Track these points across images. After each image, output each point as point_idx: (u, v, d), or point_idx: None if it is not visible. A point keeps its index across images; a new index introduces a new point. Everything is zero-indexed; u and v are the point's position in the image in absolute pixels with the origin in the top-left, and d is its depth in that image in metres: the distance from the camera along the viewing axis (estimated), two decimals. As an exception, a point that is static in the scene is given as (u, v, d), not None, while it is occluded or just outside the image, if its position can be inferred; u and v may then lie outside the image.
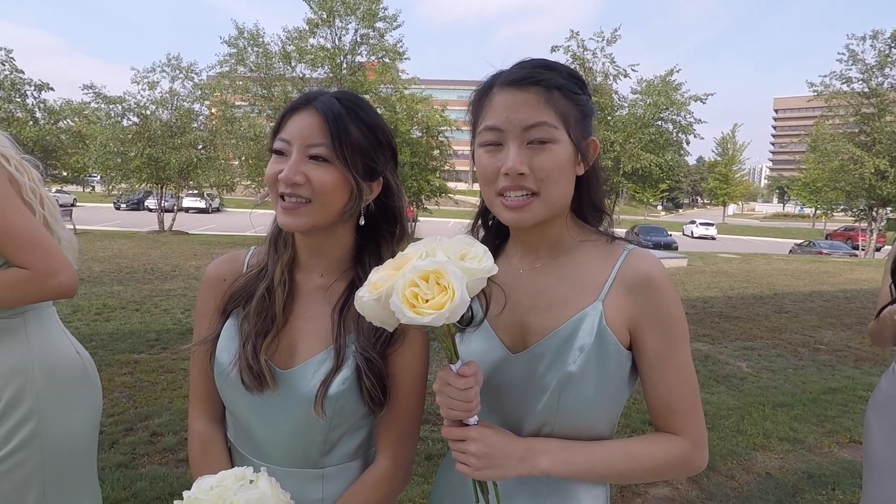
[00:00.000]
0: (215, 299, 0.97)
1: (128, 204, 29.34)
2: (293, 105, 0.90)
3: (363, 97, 0.96)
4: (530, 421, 0.86)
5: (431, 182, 22.99)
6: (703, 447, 0.85)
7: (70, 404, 1.25)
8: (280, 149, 0.88)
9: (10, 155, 1.22)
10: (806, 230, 45.62)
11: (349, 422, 0.92)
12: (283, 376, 0.90)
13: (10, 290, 1.15)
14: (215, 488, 0.77)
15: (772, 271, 13.87)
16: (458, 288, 0.67)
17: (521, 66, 0.85)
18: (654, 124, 21.14)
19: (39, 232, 1.18)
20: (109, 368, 4.29)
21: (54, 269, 1.16)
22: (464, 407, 0.77)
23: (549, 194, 0.82)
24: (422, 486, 2.81)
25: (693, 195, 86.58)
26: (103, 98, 17.67)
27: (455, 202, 26.68)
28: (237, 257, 1.01)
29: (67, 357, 1.28)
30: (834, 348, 6.11)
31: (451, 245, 0.74)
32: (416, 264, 0.70)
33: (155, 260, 11.06)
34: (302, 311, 0.95)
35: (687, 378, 0.84)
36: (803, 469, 3.18)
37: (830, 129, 23.90)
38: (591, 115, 0.88)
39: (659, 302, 0.82)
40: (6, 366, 1.18)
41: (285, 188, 0.86)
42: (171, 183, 18.93)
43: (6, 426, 1.16)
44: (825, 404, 4.26)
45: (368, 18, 18.96)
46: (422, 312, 0.67)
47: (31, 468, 1.17)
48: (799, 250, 24.73)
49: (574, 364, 0.82)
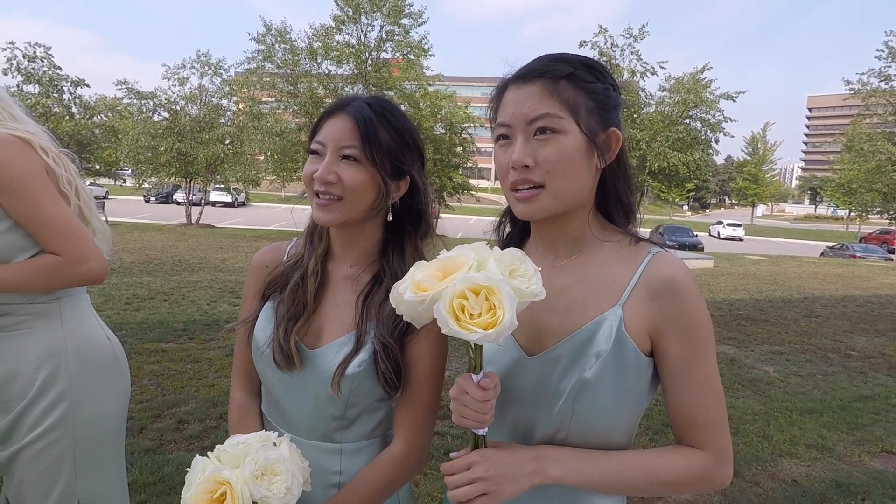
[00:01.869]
0: (258, 283, 1.06)
1: (157, 197, 30.04)
2: (329, 110, 0.97)
3: (394, 103, 1.02)
4: (544, 426, 0.84)
5: (454, 179, 23.00)
6: (726, 463, 0.81)
7: (100, 387, 1.29)
8: (316, 150, 0.96)
9: (48, 147, 1.26)
10: (839, 233, 44.23)
11: (365, 402, 0.98)
12: (309, 355, 0.98)
13: (42, 275, 1.19)
14: (241, 444, 0.85)
15: (802, 274, 13.50)
16: (509, 311, 0.65)
17: (532, 60, 0.84)
18: (683, 122, 20.73)
19: (73, 221, 1.23)
20: (139, 357, 4.42)
21: (85, 256, 1.21)
22: (478, 418, 0.76)
23: (556, 186, 0.80)
24: (440, 480, 2.82)
25: (721, 195, 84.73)
26: (135, 94, 18.15)
27: (477, 199, 26.63)
28: (280, 247, 1.11)
29: (99, 342, 1.32)
30: (866, 355, 5.93)
31: (504, 257, 0.72)
32: (469, 276, 0.68)
33: (182, 252, 11.33)
34: (331, 298, 1.02)
35: (711, 389, 0.80)
36: (831, 477, 3.09)
37: (868, 128, 23.07)
38: (612, 105, 0.84)
39: (683, 308, 0.79)
40: (42, 348, 1.22)
41: (320, 186, 0.93)
42: (199, 177, 19.37)
43: (41, 406, 1.21)
44: (856, 412, 4.13)
45: (394, 15, 19.04)
46: (468, 328, 0.65)
47: (64, 447, 1.22)
48: (831, 253, 23.98)
49: (590, 370, 0.79)
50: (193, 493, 0.81)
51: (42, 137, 1.27)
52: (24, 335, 1.22)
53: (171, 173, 18.99)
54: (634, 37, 19.64)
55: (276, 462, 0.83)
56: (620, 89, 0.89)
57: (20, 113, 1.29)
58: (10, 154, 1.17)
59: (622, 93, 0.89)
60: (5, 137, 1.18)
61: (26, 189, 1.17)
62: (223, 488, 0.80)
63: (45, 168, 1.22)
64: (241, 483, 0.80)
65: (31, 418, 1.21)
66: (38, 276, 1.19)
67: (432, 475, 2.85)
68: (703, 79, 20.20)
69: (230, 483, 0.80)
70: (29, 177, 1.18)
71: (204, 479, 0.81)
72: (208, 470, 0.82)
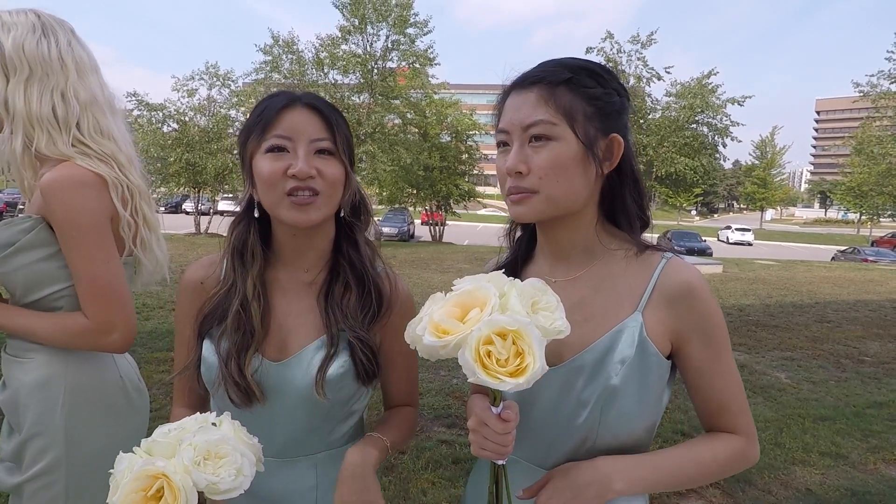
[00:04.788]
0: (193, 305, 0.98)
1: (166, 207, 30.33)
2: (280, 104, 0.89)
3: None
4: (568, 437, 0.85)
5: (460, 186, 23.05)
6: (755, 440, 0.88)
7: (101, 427, 1.20)
8: (280, 145, 0.88)
9: (119, 182, 1.17)
10: (850, 236, 43.73)
11: (344, 407, 0.96)
12: (275, 368, 0.92)
13: (67, 336, 1.14)
14: (173, 431, 0.75)
15: (813, 279, 13.35)
16: (539, 357, 0.64)
17: (535, 66, 0.85)
18: (689, 127, 20.68)
19: (115, 284, 1.14)
20: (148, 366, 4.44)
21: (113, 326, 1.13)
22: (498, 450, 0.74)
23: (549, 192, 0.81)
24: (448, 489, 2.81)
25: (729, 200, 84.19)
26: (145, 105, 18.36)
27: (483, 206, 26.66)
28: (214, 261, 1.01)
29: (107, 379, 1.22)
30: (880, 360, 5.83)
31: (525, 290, 0.70)
32: (495, 319, 0.65)
33: (191, 261, 11.31)
34: (289, 308, 0.96)
35: (733, 378, 0.86)
36: (846, 486, 3.04)
37: (877, 130, 22.91)
38: (615, 110, 0.83)
39: (701, 312, 0.82)
40: (37, 381, 1.15)
41: (298, 182, 0.87)
42: (208, 187, 19.51)
43: (37, 444, 1.14)
44: (870, 419, 4.07)
45: (399, 25, 19.19)
46: (497, 377, 0.63)
47: (56, 492, 1.15)
48: (842, 257, 23.71)
49: (617, 377, 0.80)
50: (122, 493, 0.69)
51: (122, 163, 1.20)
52: (24, 364, 1.17)
53: (180, 183, 19.14)
54: (642, 43, 19.67)
55: (218, 443, 0.73)
56: (628, 94, 0.88)
57: (109, 123, 1.21)
58: (80, 199, 1.10)
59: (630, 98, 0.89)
60: (83, 177, 1.11)
61: (84, 241, 1.11)
62: (159, 482, 0.70)
63: (112, 214, 1.16)
64: (181, 472, 0.70)
65: (30, 454, 1.15)
66: (63, 336, 1.14)
67: (441, 484, 2.83)
68: (710, 83, 20.17)
69: (167, 475, 0.69)
70: (89, 228, 1.11)
71: (133, 476, 0.70)
72: (136, 465, 0.71)
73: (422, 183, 21.93)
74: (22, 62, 1.12)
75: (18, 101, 1.12)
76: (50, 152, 1.14)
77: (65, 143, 1.15)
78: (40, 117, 1.13)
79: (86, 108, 1.18)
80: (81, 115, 1.18)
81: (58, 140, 1.14)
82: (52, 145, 1.14)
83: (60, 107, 1.15)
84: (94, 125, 1.19)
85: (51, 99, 1.14)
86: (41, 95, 1.13)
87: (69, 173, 1.11)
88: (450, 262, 12.63)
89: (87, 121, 1.18)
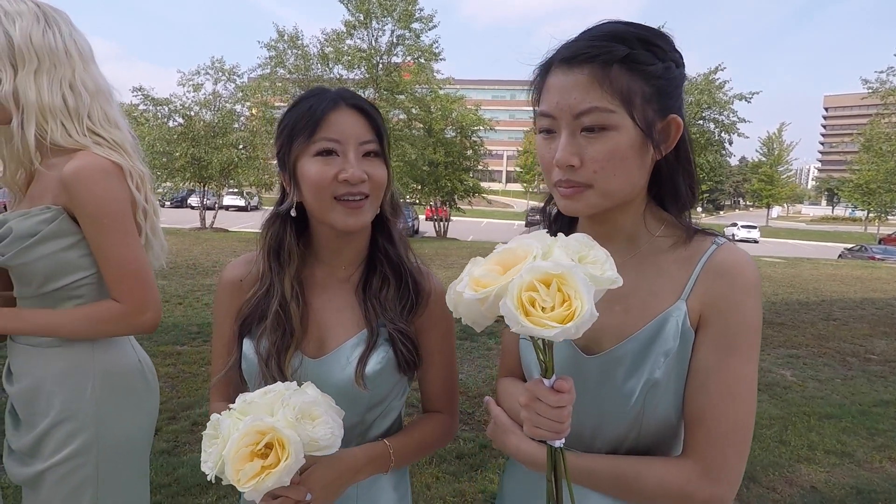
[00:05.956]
0: (233, 301, 0.98)
1: (172, 202, 30.47)
2: (327, 105, 0.88)
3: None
4: (611, 429, 0.81)
5: (465, 182, 23.03)
6: (717, 482, 0.71)
7: (128, 411, 1.24)
8: (332, 148, 0.88)
9: (134, 170, 1.19)
10: (857, 234, 43.44)
11: (384, 402, 0.96)
12: (314, 365, 0.93)
13: (100, 325, 1.16)
14: (269, 394, 0.77)
15: (819, 276, 13.27)
16: (587, 300, 0.57)
17: (579, 38, 0.74)
18: (696, 123, 20.56)
19: (144, 266, 1.18)
20: (154, 359, 4.42)
21: (146, 306, 1.16)
22: (555, 427, 0.68)
23: (605, 186, 0.73)
24: (452, 484, 2.82)
25: (735, 197, 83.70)
26: (151, 100, 18.42)
27: (488, 202, 26.62)
28: (251, 258, 1.02)
29: (129, 364, 1.26)
30: (887, 359, 5.80)
31: (570, 244, 0.64)
32: (536, 265, 0.60)
33: (197, 256, 11.44)
34: (327, 305, 0.97)
35: (736, 395, 0.72)
36: (851, 484, 3.03)
37: (886, 127, 22.70)
38: (674, 87, 0.75)
39: (732, 297, 0.72)
40: (68, 367, 1.17)
41: (350, 188, 0.87)
42: (213, 182, 19.58)
43: (65, 428, 1.15)
44: (876, 417, 4.04)
45: (404, 19, 19.16)
46: (542, 324, 0.57)
47: (87, 474, 1.17)
48: (849, 255, 23.55)
49: (659, 370, 0.75)
50: (233, 448, 0.71)
51: (129, 151, 1.21)
52: (52, 351, 1.17)
53: (185, 178, 19.23)
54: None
55: (312, 405, 0.76)
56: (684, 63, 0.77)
57: (116, 114, 1.23)
58: (108, 187, 1.12)
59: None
60: (107, 167, 1.13)
61: (115, 227, 1.12)
62: (267, 437, 0.71)
63: (132, 201, 1.18)
64: (289, 428, 0.72)
65: (55, 440, 1.15)
66: (95, 326, 1.15)
67: (444, 478, 2.84)
68: (717, 80, 20.03)
69: (277, 429, 0.71)
70: (118, 215, 1.13)
71: (244, 431, 0.71)
72: (245, 421, 0.72)
73: (426, 178, 21.94)
74: (31, 53, 1.11)
75: (30, 93, 1.12)
76: (66, 142, 1.15)
77: (79, 133, 1.16)
78: (53, 108, 1.13)
79: (94, 98, 1.19)
80: (91, 104, 1.18)
81: (72, 130, 1.15)
82: (68, 135, 1.15)
83: (70, 97, 1.15)
84: (102, 114, 1.20)
85: (60, 89, 1.14)
86: (51, 86, 1.13)
87: (93, 162, 1.12)
88: (454, 258, 12.62)
89: (97, 110, 1.19)
